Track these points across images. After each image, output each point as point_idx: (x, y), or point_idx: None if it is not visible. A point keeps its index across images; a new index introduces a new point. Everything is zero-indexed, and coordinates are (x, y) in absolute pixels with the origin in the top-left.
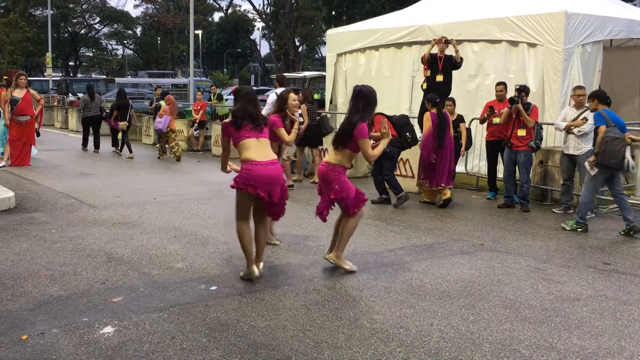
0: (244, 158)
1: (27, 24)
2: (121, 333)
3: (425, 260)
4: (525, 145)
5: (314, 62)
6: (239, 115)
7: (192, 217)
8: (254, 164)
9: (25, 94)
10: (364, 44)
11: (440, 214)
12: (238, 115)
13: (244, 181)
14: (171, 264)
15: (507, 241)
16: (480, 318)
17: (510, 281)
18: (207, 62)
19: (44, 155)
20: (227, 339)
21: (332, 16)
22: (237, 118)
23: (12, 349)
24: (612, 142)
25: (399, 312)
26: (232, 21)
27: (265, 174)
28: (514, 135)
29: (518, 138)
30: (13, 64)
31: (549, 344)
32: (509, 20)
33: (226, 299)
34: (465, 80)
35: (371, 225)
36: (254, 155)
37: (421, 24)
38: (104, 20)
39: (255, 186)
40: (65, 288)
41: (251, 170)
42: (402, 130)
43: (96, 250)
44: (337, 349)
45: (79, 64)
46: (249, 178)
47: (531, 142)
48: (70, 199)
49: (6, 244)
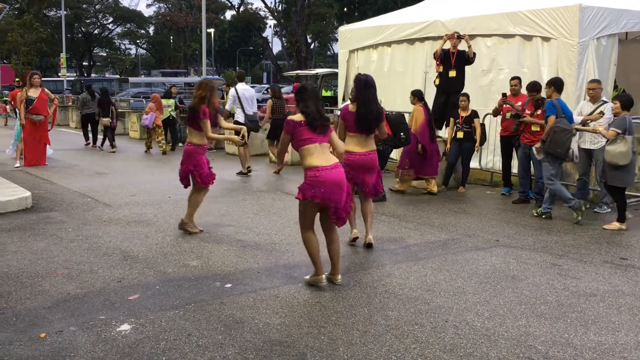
0: (307, 164)
1: (41, 25)
2: (138, 330)
3: (440, 256)
4: (539, 140)
5: (326, 59)
6: (316, 117)
7: (206, 215)
8: (319, 170)
9: (40, 93)
10: (376, 40)
11: (455, 210)
12: (315, 117)
13: (310, 190)
14: (186, 261)
15: (522, 237)
16: (495, 314)
17: (526, 277)
18: (219, 60)
19: (59, 155)
20: (242, 336)
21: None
22: (314, 120)
23: (31, 347)
24: (561, 132)
25: (414, 308)
26: (244, 19)
27: (331, 179)
28: (528, 130)
29: (532, 133)
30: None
31: (565, 340)
32: (522, 14)
33: (241, 296)
34: (479, 76)
35: (385, 222)
36: (318, 161)
37: (433, 19)
38: (117, 20)
39: (322, 195)
40: (82, 286)
41: (317, 177)
42: (397, 130)
43: (112, 248)
44: (352, 346)
45: (92, 63)
46: (316, 185)
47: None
48: (86, 198)
49: (24, 243)
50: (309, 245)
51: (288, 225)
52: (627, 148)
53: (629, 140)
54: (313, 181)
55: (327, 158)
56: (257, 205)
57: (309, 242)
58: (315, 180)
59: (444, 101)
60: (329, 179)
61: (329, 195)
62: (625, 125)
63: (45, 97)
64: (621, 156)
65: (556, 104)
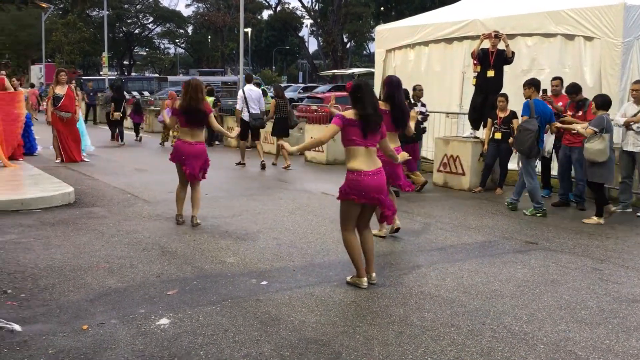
0: (350, 166)
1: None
2: (176, 325)
3: (477, 258)
4: (580, 142)
5: (362, 59)
6: (372, 120)
7: (242, 212)
8: (362, 175)
9: (67, 90)
10: (413, 39)
11: (492, 212)
12: (371, 119)
13: (351, 192)
14: (223, 258)
15: (562, 240)
16: (534, 318)
17: (566, 281)
18: (255, 59)
19: (100, 152)
20: (278, 333)
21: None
22: (369, 123)
23: (74, 338)
24: (524, 131)
25: (450, 310)
26: (281, 19)
27: (373, 185)
28: (569, 131)
29: (574, 135)
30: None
31: (606, 346)
32: (564, 13)
33: (277, 293)
34: (519, 76)
35: (421, 223)
36: (361, 166)
37: (472, 19)
38: (157, 20)
39: (360, 197)
40: (122, 280)
41: (359, 182)
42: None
43: (151, 244)
44: (388, 346)
45: (133, 62)
46: (356, 189)
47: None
48: (126, 194)
49: (67, 237)
50: (350, 247)
51: (323, 224)
52: (604, 146)
53: (606, 138)
54: (353, 185)
55: (371, 162)
56: (293, 204)
57: (350, 244)
58: (355, 184)
59: (481, 101)
60: (369, 185)
61: (369, 197)
62: (602, 124)
63: (73, 94)
64: (599, 153)
65: (531, 105)
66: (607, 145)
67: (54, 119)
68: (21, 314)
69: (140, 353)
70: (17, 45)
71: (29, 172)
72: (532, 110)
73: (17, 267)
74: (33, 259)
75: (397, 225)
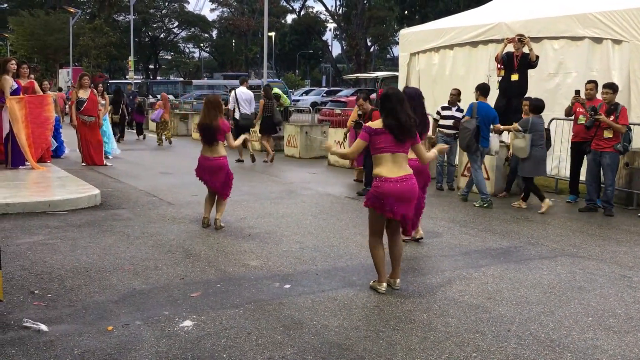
0: (374, 173)
1: (111, 29)
2: (200, 327)
3: (502, 264)
4: (611, 146)
5: (385, 62)
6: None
7: (265, 216)
8: (383, 181)
9: (89, 94)
10: (438, 43)
11: (517, 217)
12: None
13: (373, 200)
14: (246, 261)
15: (589, 246)
16: (560, 325)
17: (593, 288)
18: (279, 63)
19: (125, 155)
20: (301, 336)
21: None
22: (394, 132)
23: (99, 339)
24: (463, 130)
25: (474, 316)
26: (305, 23)
27: (395, 191)
28: (599, 135)
29: (604, 139)
30: (98, 67)
31: (635, 355)
32: (592, 16)
33: (299, 297)
34: (545, 79)
35: (445, 227)
36: (384, 172)
37: (498, 22)
38: (182, 25)
39: (382, 207)
40: (147, 282)
41: (379, 188)
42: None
43: (175, 246)
44: (411, 351)
45: (158, 66)
46: (378, 196)
47: (618, 145)
48: (151, 196)
49: (93, 239)
50: (374, 254)
51: (346, 228)
52: (524, 144)
53: (527, 138)
54: (376, 192)
55: (397, 169)
56: (316, 208)
57: (375, 251)
58: (377, 191)
59: (505, 105)
60: (392, 192)
61: (390, 207)
62: (527, 125)
63: (95, 98)
64: (520, 150)
65: (474, 107)
66: (527, 145)
67: (78, 123)
68: (48, 315)
69: (164, 355)
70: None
71: (56, 175)
72: (473, 111)
73: (44, 268)
74: (60, 260)
75: (420, 235)
